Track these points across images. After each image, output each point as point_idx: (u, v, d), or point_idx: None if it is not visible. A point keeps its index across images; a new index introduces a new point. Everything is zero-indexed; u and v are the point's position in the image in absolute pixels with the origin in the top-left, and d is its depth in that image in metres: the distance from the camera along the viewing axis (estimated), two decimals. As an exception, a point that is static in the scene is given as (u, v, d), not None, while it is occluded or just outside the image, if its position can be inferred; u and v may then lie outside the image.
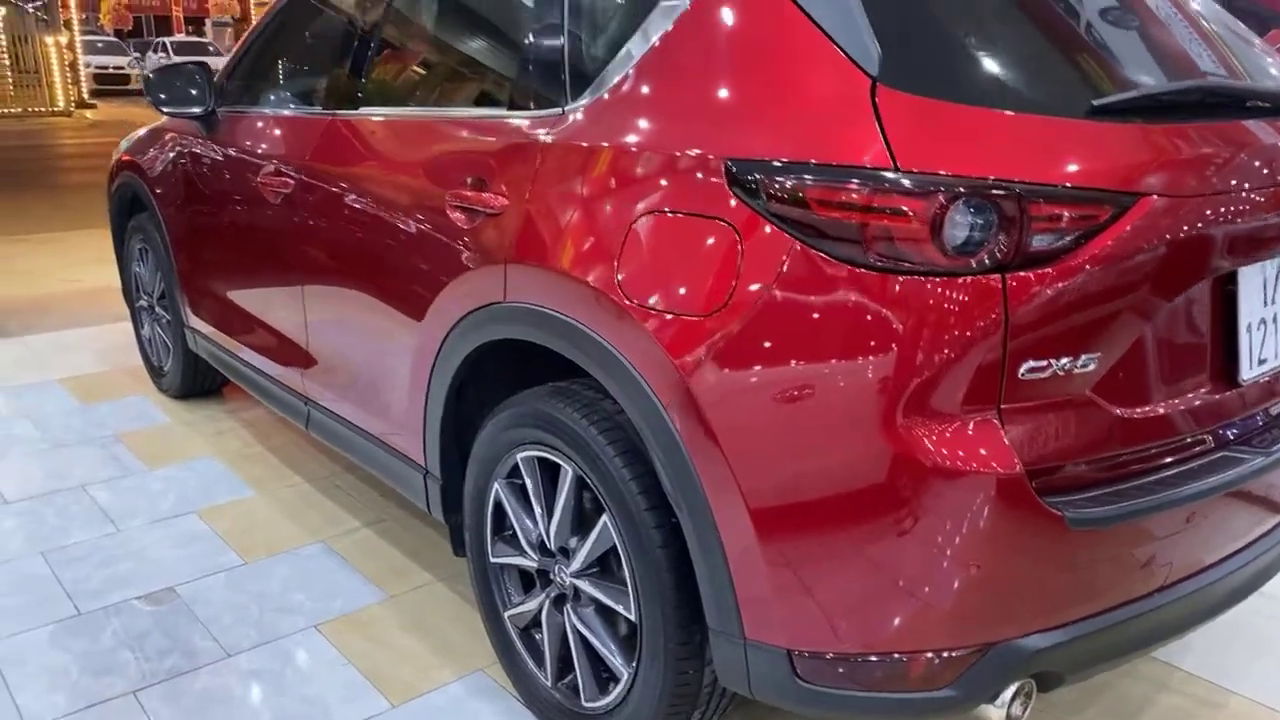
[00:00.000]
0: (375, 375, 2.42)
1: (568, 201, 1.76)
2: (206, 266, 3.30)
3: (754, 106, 1.54)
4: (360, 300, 2.41)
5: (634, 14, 1.79)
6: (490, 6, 2.30)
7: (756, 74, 1.56)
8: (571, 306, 1.72)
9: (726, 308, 1.49)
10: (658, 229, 1.60)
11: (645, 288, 1.59)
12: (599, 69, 1.82)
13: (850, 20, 1.49)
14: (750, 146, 1.50)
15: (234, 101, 3.11)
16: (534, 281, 1.81)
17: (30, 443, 3.48)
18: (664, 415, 1.58)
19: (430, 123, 2.22)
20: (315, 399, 2.74)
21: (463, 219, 2.00)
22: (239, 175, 2.93)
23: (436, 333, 2.10)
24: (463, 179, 2.01)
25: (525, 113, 1.95)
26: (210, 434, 3.60)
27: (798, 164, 1.44)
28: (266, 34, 3.02)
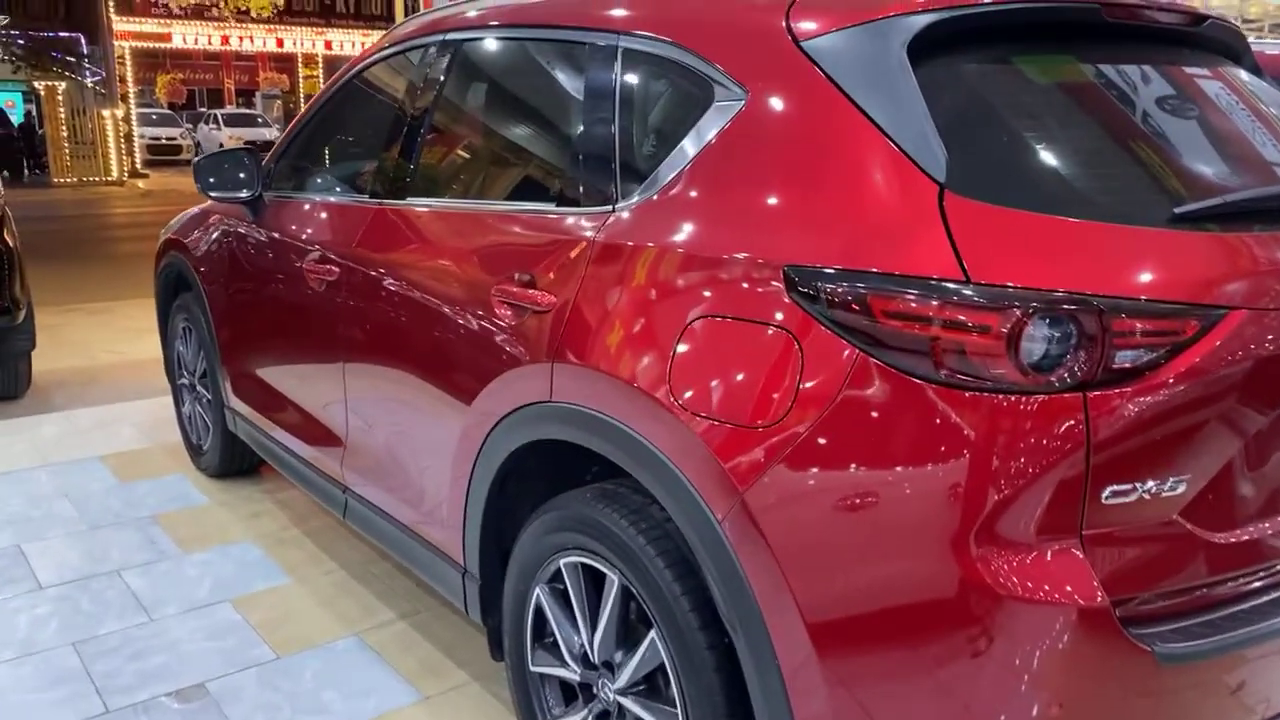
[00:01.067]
0: (415, 469, 2.36)
1: (617, 302, 1.71)
2: (248, 348, 3.29)
3: (813, 211, 1.49)
4: (402, 392, 2.37)
5: (688, 112, 1.76)
6: (540, 101, 2.28)
7: (816, 177, 1.51)
8: (619, 409, 1.66)
9: (785, 418, 1.42)
10: (712, 334, 1.54)
11: (698, 394, 1.53)
12: (651, 167, 1.79)
13: (916, 124, 1.44)
14: (810, 253, 1.45)
15: (281, 187, 3.12)
16: (580, 382, 1.75)
17: (68, 523, 3.45)
18: (717, 527, 1.51)
19: (478, 216, 2.20)
20: (354, 488, 2.69)
21: (509, 315, 1.95)
22: (284, 260, 2.93)
23: (479, 429, 2.04)
24: (510, 274, 1.97)
25: (574, 209, 1.92)
26: (247, 516, 3.55)
27: (862, 272, 1.38)
28: (313, 122, 3.04)
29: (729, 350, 1.51)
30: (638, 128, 1.87)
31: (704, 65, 1.73)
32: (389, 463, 2.49)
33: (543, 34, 2.15)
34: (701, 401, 1.52)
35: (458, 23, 2.39)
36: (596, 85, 1.95)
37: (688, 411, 1.53)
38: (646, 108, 1.89)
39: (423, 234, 2.35)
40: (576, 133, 2.00)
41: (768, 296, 1.47)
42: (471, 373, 2.08)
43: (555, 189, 2.06)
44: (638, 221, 1.75)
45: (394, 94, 2.59)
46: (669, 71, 1.83)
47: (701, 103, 1.73)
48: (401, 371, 2.36)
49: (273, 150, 3.20)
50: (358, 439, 2.63)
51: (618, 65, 1.91)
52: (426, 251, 2.32)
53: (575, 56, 2.04)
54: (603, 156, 1.89)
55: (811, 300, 1.41)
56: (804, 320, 1.42)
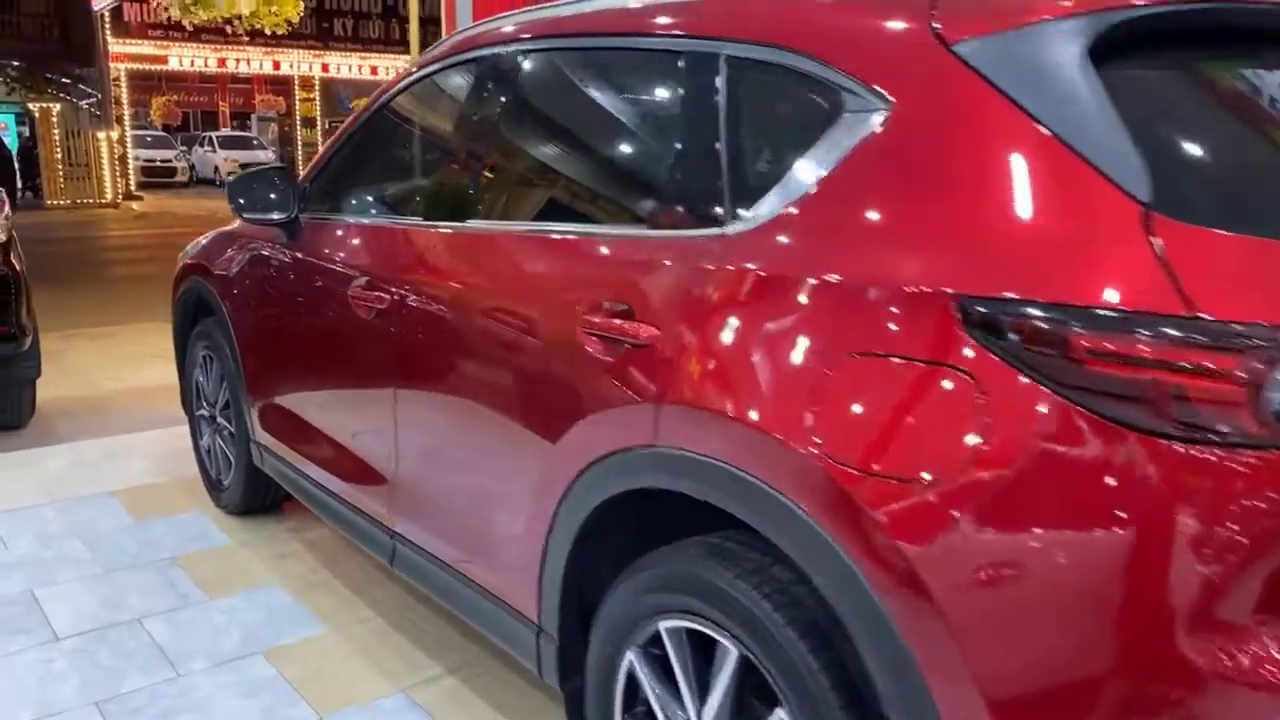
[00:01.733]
0: (478, 515, 2.16)
1: (743, 336, 1.53)
2: (280, 379, 3.09)
3: (988, 233, 1.31)
4: (465, 431, 2.17)
5: (812, 124, 1.58)
6: (625, 114, 2.10)
7: (989, 195, 1.33)
8: (748, 459, 1.47)
9: (964, 472, 1.23)
10: (866, 374, 1.35)
11: (851, 443, 1.34)
12: (768, 184, 1.61)
13: (1107, 136, 1.26)
14: (987, 281, 1.26)
15: (319, 208, 2.93)
16: (697, 426, 1.56)
17: (81, 565, 3.23)
18: (872, 597, 1.31)
19: (556, 239, 2.01)
20: (403, 534, 2.49)
21: (599, 348, 1.76)
22: (323, 286, 2.74)
23: (562, 474, 1.85)
24: (597, 303, 1.79)
25: (674, 232, 1.73)
26: (272, 557, 3.34)
27: (1059, 305, 1.20)
28: (357, 137, 2.85)
29: (889, 393, 1.32)
30: (748, 141, 1.69)
31: (830, 73, 1.55)
32: (447, 507, 2.29)
33: (628, 42, 1.97)
34: (855, 452, 1.33)
35: (527, 31, 2.21)
36: (696, 96, 1.77)
37: (838, 464, 1.34)
38: (757, 119, 1.71)
39: (491, 259, 2.17)
40: (672, 148, 1.82)
41: (936, 331, 1.28)
42: (551, 411, 1.88)
43: (647, 209, 1.88)
44: (759, 244, 1.57)
45: (452, 109, 2.41)
46: (785, 80, 1.65)
47: (829, 113, 1.55)
48: (465, 409, 2.16)
49: (309, 169, 3.01)
50: (408, 479, 2.43)
51: (721, 74, 1.73)
52: (496, 278, 2.13)
53: (668, 66, 1.86)
54: (706, 174, 1.71)
55: (994, 336, 1.23)
56: (984, 359, 1.23)
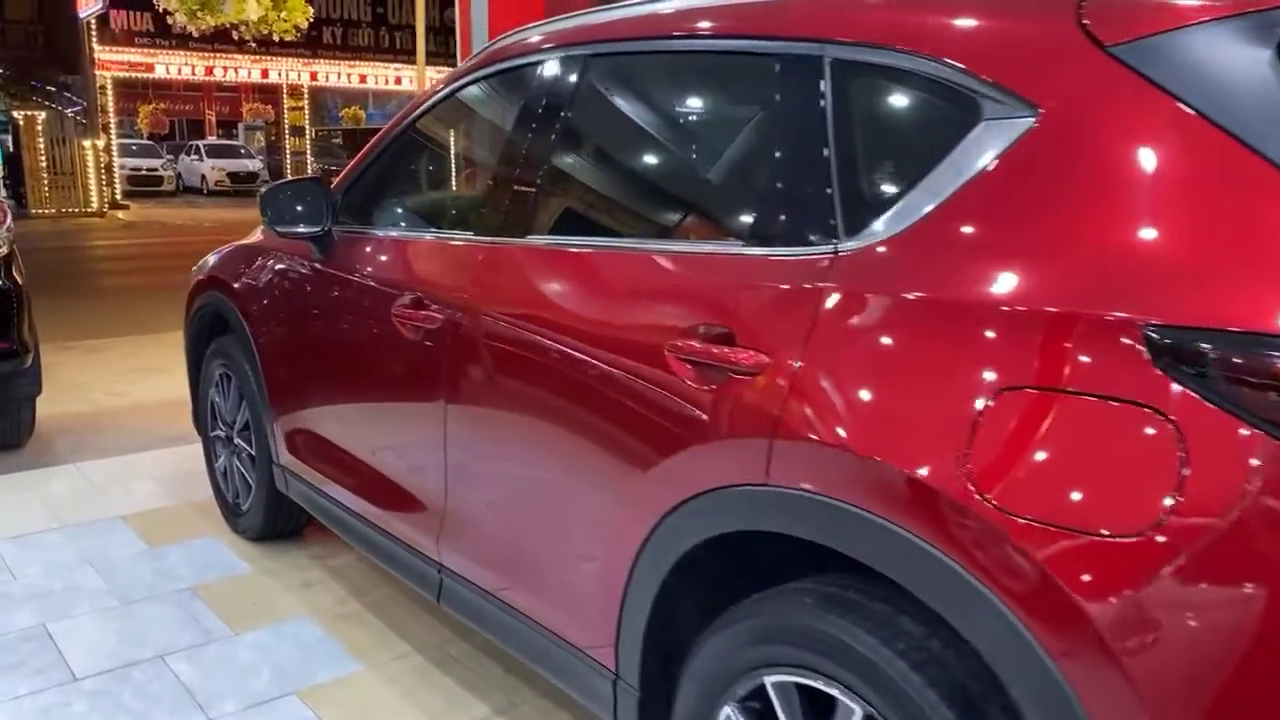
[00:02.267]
0: (546, 553, 2.01)
1: (875, 365, 1.39)
2: (311, 401, 2.92)
3: (1174, 255, 1.17)
4: (529, 461, 2.02)
5: (940, 133, 1.44)
6: (715, 121, 1.97)
7: (1171, 213, 1.19)
8: (886, 504, 1.33)
9: (1163, 525, 1.09)
10: (1033, 412, 1.21)
11: (1016, 490, 1.20)
12: (889, 199, 1.47)
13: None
14: (1180, 309, 1.13)
15: (355, 221, 2.78)
16: (821, 465, 1.41)
17: (97, 597, 3.05)
18: (1049, 665, 1.17)
19: (639, 255, 1.86)
20: (453, 568, 2.33)
21: (693, 376, 1.62)
22: (363, 304, 2.59)
23: (647, 512, 1.70)
24: (690, 327, 1.65)
25: (778, 249, 1.59)
26: (298, 586, 3.17)
27: (1272, 337, 1.06)
28: (396, 147, 2.70)
29: (1062, 434, 1.19)
30: (862, 152, 1.56)
31: (962, 77, 1.42)
32: (506, 542, 2.14)
33: (720, 44, 1.83)
34: (1023, 500, 1.19)
35: (601, 33, 2.07)
36: (796, 103, 1.64)
37: (1002, 512, 1.20)
38: (871, 128, 1.58)
39: (561, 277, 2.02)
40: (772, 158, 1.68)
41: (1119, 364, 1.15)
42: (634, 443, 1.74)
43: (742, 224, 1.74)
44: (885, 264, 1.43)
45: (514, 114, 2.26)
46: (903, 85, 1.52)
47: (961, 121, 1.42)
48: (529, 436, 2.01)
49: (340, 181, 2.86)
50: (461, 510, 2.27)
51: (825, 79, 1.60)
52: (567, 297, 1.98)
53: (760, 70, 1.72)
54: (814, 186, 1.57)
55: (1196, 372, 1.09)
56: (1184, 398, 1.10)
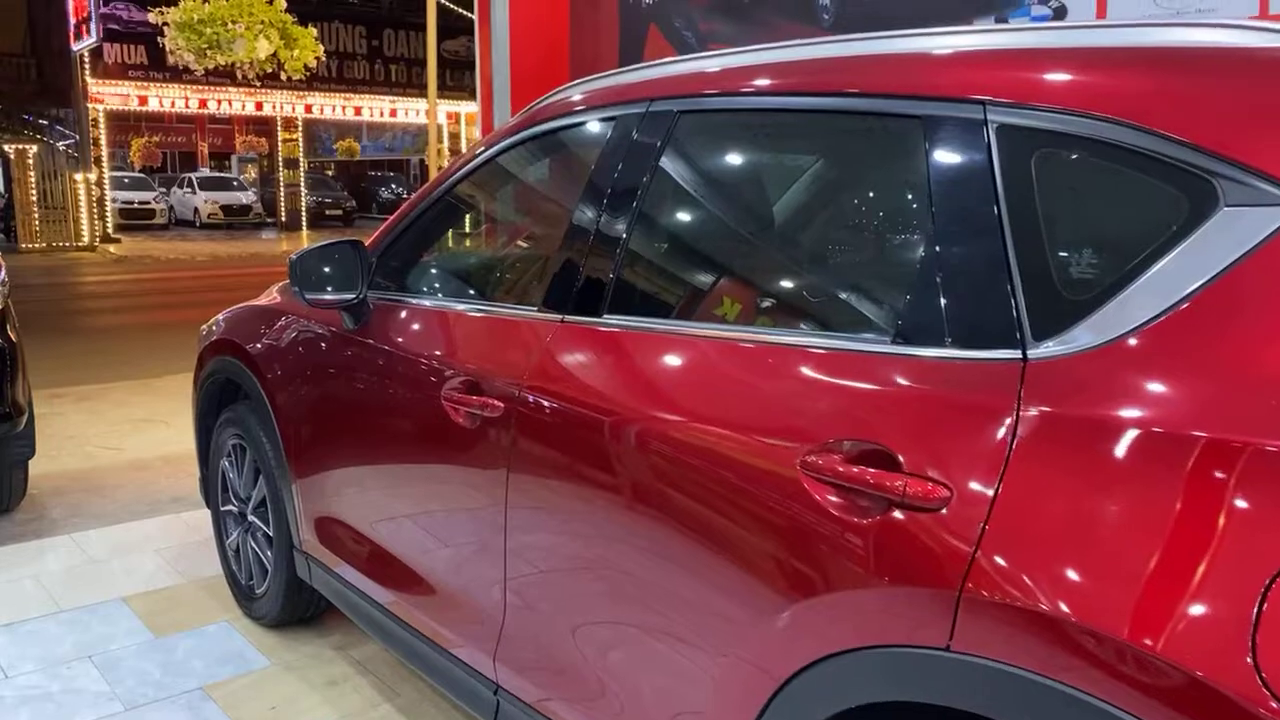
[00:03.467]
0: (629, 697, 1.73)
1: (1097, 511, 1.12)
2: (339, 485, 2.64)
3: None
4: (609, 584, 1.74)
5: (1159, 219, 1.19)
6: (858, 178, 1.70)
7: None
8: (1134, 699, 1.05)
9: None
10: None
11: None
12: (1097, 298, 1.21)
13: None
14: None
15: (390, 287, 2.51)
16: (1034, 635, 1.14)
17: (99, 702, 2.74)
18: None
19: (751, 346, 1.60)
20: (511, 690, 2.04)
21: (838, 503, 1.35)
22: (405, 382, 2.31)
23: (774, 667, 1.43)
24: (830, 440, 1.38)
25: (941, 351, 1.33)
26: (321, 685, 2.87)
27: None
28: (440, 207, 2.43)
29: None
30: (1048, 239, 1.30)
31: (1179, 149, 1.17)
32: (581, 670, 1.85)
33: (844, 103, 1.58)
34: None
35: (699, 86, 1.81)
36: (955, 175, 1.38)
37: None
38: (1058, 210, 1.32)
39: (652, 366, 1.75)
40: (925, 241, 1.42)
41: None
42: (756, 579, 1.46)
43: (893, 317, 1.48)
44: (1104, 382, 1.16)
45: (585, 176, 1.99)
46: (1097, 156, 1.27)
47: (1185, 207, 1.17)
48: (610, 557, 1.73)
49: (376, 239, 2.59)
50: (522, 627, 1.99)
51: (992, 147, 1.35)
52: (663, 390, 1.71)
53: (905, 133, 1.47)
54: (985, 278, 1.31)
55: None
56: None
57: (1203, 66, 1.24)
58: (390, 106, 26.75)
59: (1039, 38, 1.43)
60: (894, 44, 1.56)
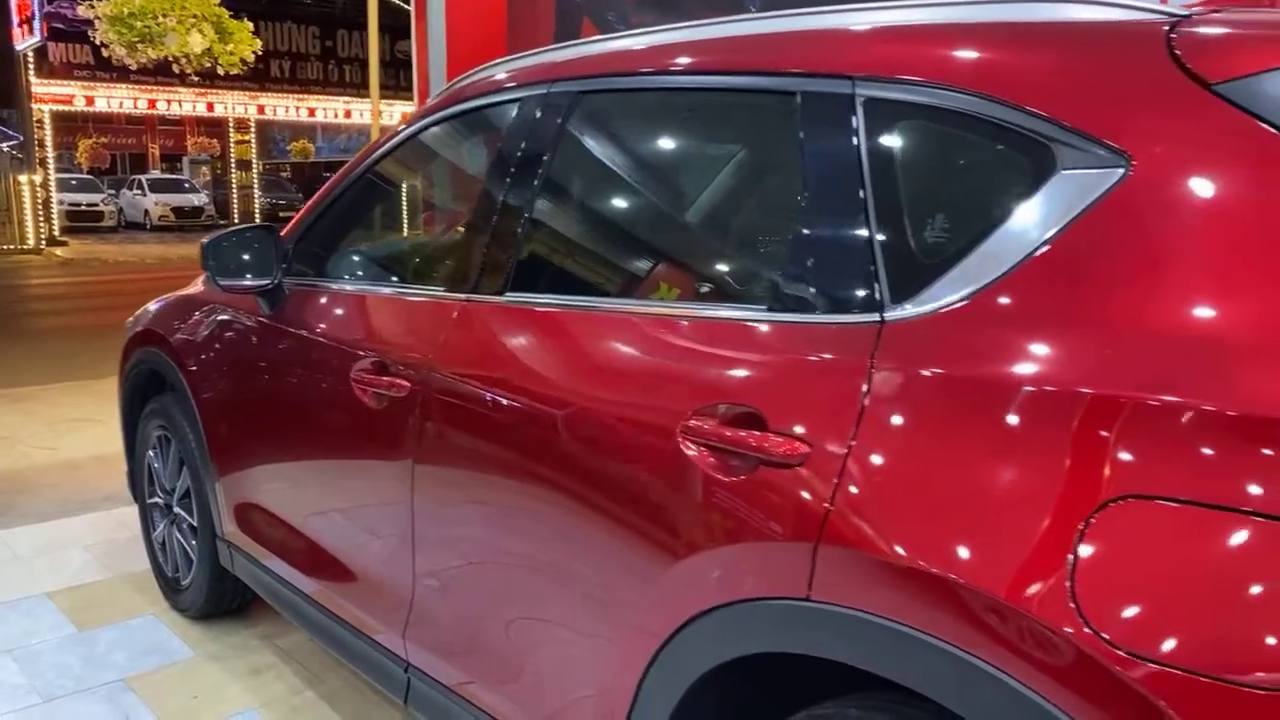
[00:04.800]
0: (532, 661, 1.76)
1: (941, 461, 1.17)
2: (257, 471, 2.64)
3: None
4: (509, 554, 1.78)
5: (1004, 184, 1.25)
6: (729, 167, 1.75)
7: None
8: (973, 637, 1.10)
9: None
10: (1157, 528, 1.00)
11: (1146, 630, 0.98)
12: (946, 260, 1.26)
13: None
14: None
15: (307, 272, 2.52)
16: (883, 581, 1.19)
17: (15, 695, 2.72)
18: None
19: (639, 319, 1.64)
20: (422, 666, 2.06)
21: (713, 464, 1.39)
22: (317, 365, 2.32)
23: (657, 624, 1.46)
24: (707, 405, 1.42)
25: (809, 316, 1.38)
26: (245, 674, 2.86)
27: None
28: (357, 188, 2.45)
29: (1195, 555, 0.97)
30: (906, 205, 1.35)
31: (1024, 118, 1.22)
32: (483, 643, 1.88)
33: (726, 81, 1.62)
34: (1151, 641, 0.97)
35: (596, 67, 1.84)
36: (825, 147, 1.43)
37: (1122, 653, 0.98)
38: (915, 178, 1.37)
39: (550, 340, 1.78)
40: (796, 212, 1.47)
41: (1254, 469, 0.94)
42: (640, 541, 1.50)
43: (766, 287, 1.52)
44: (949, 339, 1.22)
45: (490, 158, 2.02)
46: (951, 126, 1.32)
47: (1028, 172, 1.22)
48: (510, 526, 1.77)
49: (293, 226, 2.60)
50: (432, 604, 2.01)
51: (859, 120, 1.39)
52: (558, 364, 1.75)
53: (782, 109, 1.52)
54: (849, 245, 1.36)
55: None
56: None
57: (1045, 40, 1.30)
58: (344, 107, 26.57)
59: (907, 15, 1.48)
60: (773, 24, 1.60)
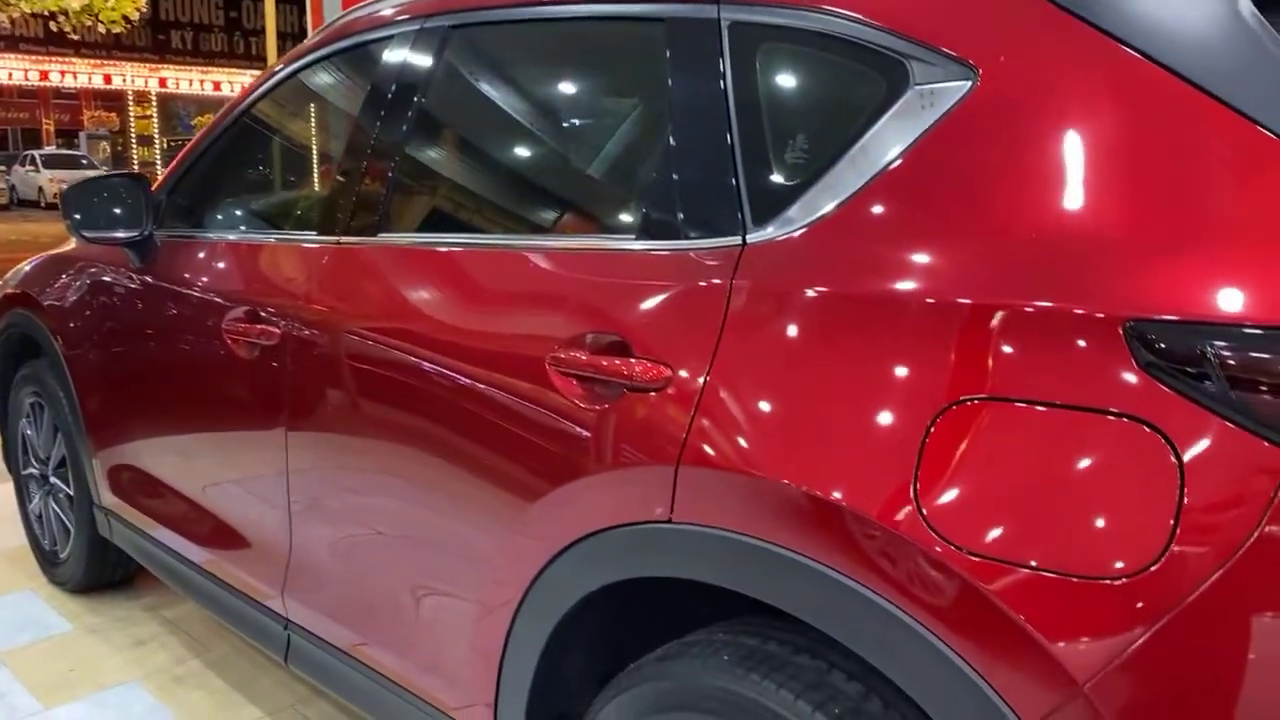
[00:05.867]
0: (409, 604, 1.72)
1: (797, 376, 1.16)
2: (132, 433, 2.54)
3: (1152, 236, 0.98)
4: (384, 498, 1.73)
5: (857, 102, 1.24)
6: (593, 97, 1.72)
7: (1147, 186, 1.01)
8: (827, 549, 1.10)
9: (1161, 564, 0.90)
10: (996, 429, 1.01)
11: (984, 528, 0.99)
12: (802, 182, 1.25)
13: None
14: (1168, 300, 0.94)
15: (180, 224, 2.42)
16: (740, 498, 1.18)
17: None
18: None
19: (509, 255, 1.60)
20: (301, 622, 2.01)
21: (580, 394, 1.37)
22: (190, 319, 2.23)
23: (528, 558, 1.44)
24: (575, 335, 1.39)
25: (675, 243, 1.36)
26: (126, 646, 2.76)
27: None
28: (231, 134, 2.35)
29: (1031, 453, 0.98)
30: (769, 128, 1.34)
31: (883, 36, 1.22)
32: (361, 593, 1.83)
33: (595, 9, 1.59)
34: (989, 538, 0.98)
35: (462, 2, 1.79)
36: (692, 73, 1.41)
37: (964, 554, 0.99)
38: (778, 100, 1.36)
39: (421, 280, 1.73)
40: (662, 139, 1.44)
41: (1096, 366, 0.95)
42: (512, 475, 1.48)
43: (633, 215, 1.50)
44: (805, 257, 1.21)
45: (363, 97, 1.95)
46: (817, 49, 1.31)
47: (883, 88, 1.22)
48: (383, 469, 1.72)
49: (165, 177, 2.49)
50: (308, 558, 1.96)
51: (723, 44, 1.37)
52: (428, 303, 1.70)
53: (652, 37, 1.49)
54: (714, 170, 1.34)
55: (1191, 373, 0.90)
56: (1179, 405, 0.91)
57: None
58: (250, 81, 25.80)
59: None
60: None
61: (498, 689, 1.56)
